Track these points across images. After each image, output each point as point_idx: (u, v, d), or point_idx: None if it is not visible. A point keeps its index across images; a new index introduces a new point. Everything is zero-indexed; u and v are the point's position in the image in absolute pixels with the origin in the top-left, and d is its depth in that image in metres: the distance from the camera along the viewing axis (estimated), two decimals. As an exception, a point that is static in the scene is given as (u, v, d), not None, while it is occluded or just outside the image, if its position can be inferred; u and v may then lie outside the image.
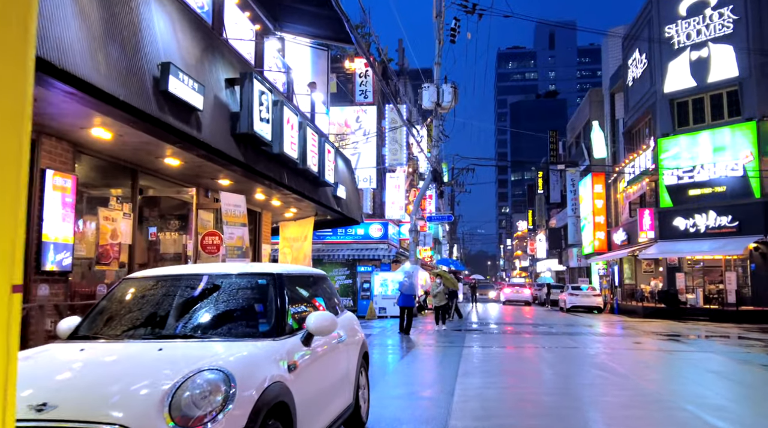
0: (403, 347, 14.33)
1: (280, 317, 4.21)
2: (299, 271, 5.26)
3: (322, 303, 5.52)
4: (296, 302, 4.77)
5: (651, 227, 29.83)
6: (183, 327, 4.09)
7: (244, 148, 7.83)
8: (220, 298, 4.34)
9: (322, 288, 5.70)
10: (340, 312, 6.04)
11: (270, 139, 8.28)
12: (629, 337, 17.18)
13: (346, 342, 5.38)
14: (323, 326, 4.28)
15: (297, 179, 10.15)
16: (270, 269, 4.60)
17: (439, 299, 19.41)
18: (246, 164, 7.92)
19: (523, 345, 14.93)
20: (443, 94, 26.10)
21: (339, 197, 13.01)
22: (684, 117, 29.63)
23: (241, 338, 3.98)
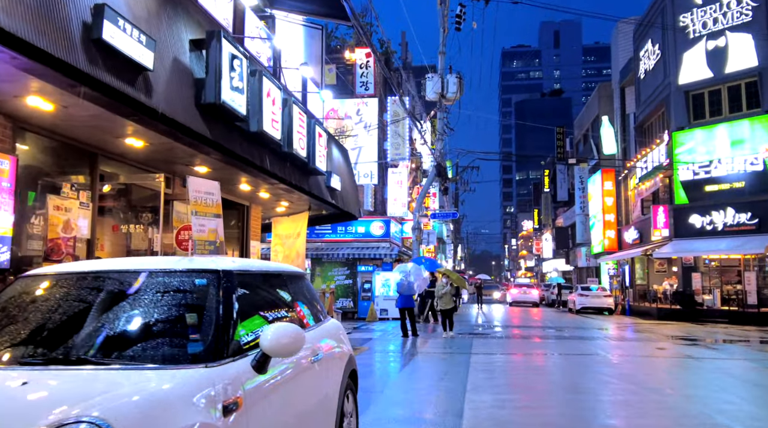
0: (404, 354, 13.07)
1: (220, 332, 2.96)
2: (263, 268, 4.00)
3: (302, 309, 4.28)
4: (256, 310, 3.52)
5: (665, 224, 28.50)
6: (78, 346, 2.84)
7: (212, 122, 6.59)
8: (137, 305, 3.08)
9: (298, 290, 4.45)
10: (322, 319, 4.80)
11: (245, 113, 7.01)
12: (649, 342, 15.88)
13: (324, 360, 4.12)
14: (284, 343, 3.02)
15: (282, 164, 8.90)
16: (214, 265, 3.34)
17: (445, 301, 17.46)
18: (215, 141, 6.67)
19: (535, 351, 13.65)
20: (448, 85, 24.84)
21: (333, 189, 11.75)
22: (700, 110, 28.29)
23: (158, 364, 2.73)
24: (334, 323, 5.04)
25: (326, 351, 4.27)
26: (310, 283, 4.91)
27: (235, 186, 11.16)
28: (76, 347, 2.83)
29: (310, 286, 4.85)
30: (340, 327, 5.17)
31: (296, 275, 4.55)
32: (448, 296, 17.49)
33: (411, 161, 32.17)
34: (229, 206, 12.94)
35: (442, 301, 17.53)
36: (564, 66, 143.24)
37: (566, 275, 59.11)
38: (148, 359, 2.77)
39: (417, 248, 25.62)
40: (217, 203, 7.67)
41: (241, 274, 3.45)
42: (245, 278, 3.51)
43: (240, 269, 3.49)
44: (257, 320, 3.42)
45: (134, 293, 3.14)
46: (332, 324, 4.96)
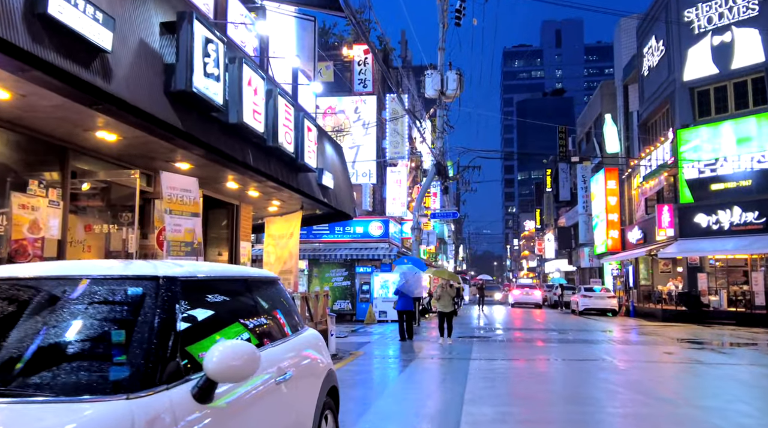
0: (401, 359, 12.52)
1: (153, 353, 2.41)
2: (221, 273, 3.43)
3: (270, 321, 3.73)
4: (210, 324, 2.97)
5: (670, 224, 27.88)
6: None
7: (184, 112, 6.04)
8: (54, 320, 2.53)
9: (267, 298, 3.90)
10: (299, 330, 4.25)
11: (221, 102, 6.45)
12: (656, 345, 15.31)
13: (295, 379, 3.56)
14: (234, 366, 2.48)
15: (267, 159, 8.34)
16: (152, 270, 2.78)
17: (444, 303, 15.94)
18: (188, 133, 6.12)
19: (538, 356, 13.08)
20: (447, 82, 24.30)
21: (325, 187, 11.20)
22: (705, 107, 27.68)
23: (68, 395, 2.19)
24: (311, 334, 4.48)
25: (298, 369, 3.71)
26: (284, 288, 4.35)
27: (222, 184, 10.62)
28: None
29: (283, 292, 4.30)
30: (317, 337, 4.61)
31: (265, 281, 3.99)
32: (448, 298, 15.89)
33: (411, 160, 31.63)
34: (218, 205, 12.41)
35: (441, 303, 15.97)
36: (566, 65, 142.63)
37: (569, 275, 58.48)
38: (57, 389, 2.21)
39: (417, 248, 25.06)
40: (194, 201, 7.12)
41: (189, 281, 2.89)
42: (195, 285, 2.96)
43: (187, 274, 2.93)
44: (209, 336, 2.87)
45: (52, 305, 2.58)
46: (309, 335, 4.40)
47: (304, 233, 26.40)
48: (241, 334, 3.19)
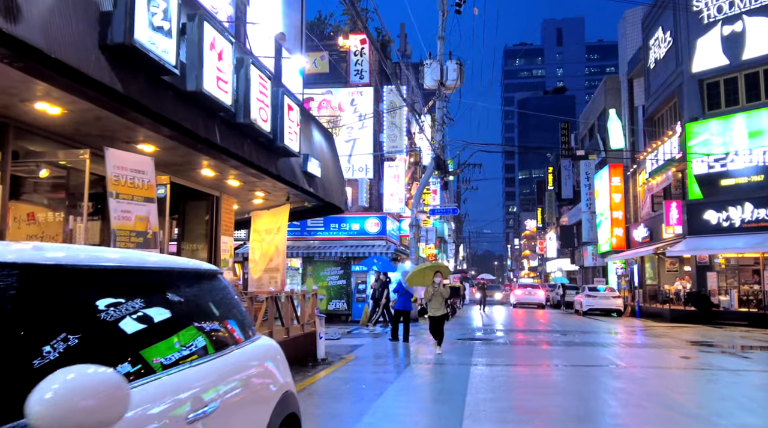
0: (395, 364, 11.50)
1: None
2: (109, 262, 2.36)
3: (190, 332, 2.70)
4: (84, 340, 1.95)
5: (678, 221, 26.85)
6: None
7: (125, 72, 5.03)
8: None
9: (195, 299, 2.86)
10: (247, 339, 3.22)
11: (173, 63, 5.42)
12: (669, 349, 14.27)
13: (222, 413, 2.52)
14: (81, 409, 1.47)
15: (239, 140, 7.32)
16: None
17: (435, 306, 12.95)
18: (132, 99, 5.10)
19: (544, 361, 12.05)
20: (447, 72, 23.26)
21: (311, 175, 10.17)
22: (715, 99, 26.64)
23: None
24: (263, 345, 3.44)
25: (232, 396, 2.68)
26: (227, 285, 3.31)
27: (197, 172, 9.59)
28: None
29: (223, 291, 3.25)
30: (272, 350, 3.56)
31: (194, 275, 2.95)
32: (440, 299, 12.97)
33: (410, 155, 30.60)
34: (195, 196, 11.39)
35: (431, 306, 13.04)
36: (567, 64, 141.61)
37: (571, 275, 57.45)
38: None
39: (414, 246, 24.03)
40: (149, 184, 6.10)
41: (52, 271, 1.88)
42: (64, 278, 1.94)
43: (50, 262, 1.91)
44: (77, 354, 1.84)
45: None
46: (259, 347, 3.36)
47: (298, 230, 25.43)
48: (129, 353, 2.15)
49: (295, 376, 10.02)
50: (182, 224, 11.80)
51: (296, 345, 10.88)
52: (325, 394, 8.17)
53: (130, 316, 2.20)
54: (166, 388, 2.19)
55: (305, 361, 11.26)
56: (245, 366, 3.01)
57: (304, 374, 9.79)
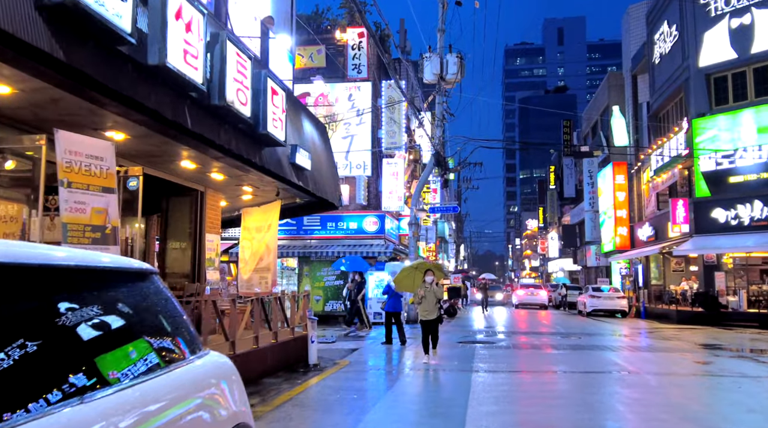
0: (391, 371, 10.78)
1: None
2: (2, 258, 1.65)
3: (98, 353, 1.97)
4: None
5: (685, 219, 26.11)
6: None
7: (70, 38, 4.33)
8: None
9: (114, 307, 2.15)
10: (190, 356, 2.50)
11: (129, 30, 4.72)
12: (682, 353, 13.55)
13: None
14: None
15: (215, 124, 6.61)
16: None
17: (427, 308, 11.33)
18: (78, 70, 4.40)
19: (551, 367, 11.32)
20: (447, 66, 22.54)
21: (300, 167, 9.45)
22: (722, 94, 25.91)
23: None
24: (208, 365, 2.71)
25: None
26: (163, 288, 2.60)
27: (176, 163, 8.88)
28: None
29: (156, 295, 2.54)
30: (221, 369, 2.83)
31: (113, 274, 2.23)
32: (432, 300, 11.31)
33: (409, 152, 29.89)
34: (178, 191, 10.69)
35: (422, 308, 11.41)
36: (568, 63, 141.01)
37: (573, 275, 56.76)
38: None
39: (414, 245, 23.30)
40: (108, 172, 5.39)
41: None
42: None
43: None
44: None
45: None
46: (202, 368, 2.64)
47: (294, 229, 24.74)
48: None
49: (282, 384, 9.32)
50: (165, 221, 11.10)
51: (285, 350, 10.17)
52: (312, 406, 7.46)
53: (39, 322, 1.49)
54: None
55: (296, 367, 10.56)
56: (185, 391, 2.30)
57: (293, 381, 9.09)
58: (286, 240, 24.43)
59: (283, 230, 24.48)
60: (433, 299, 11.34)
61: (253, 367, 8.72)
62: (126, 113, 5.59)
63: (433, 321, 11.44)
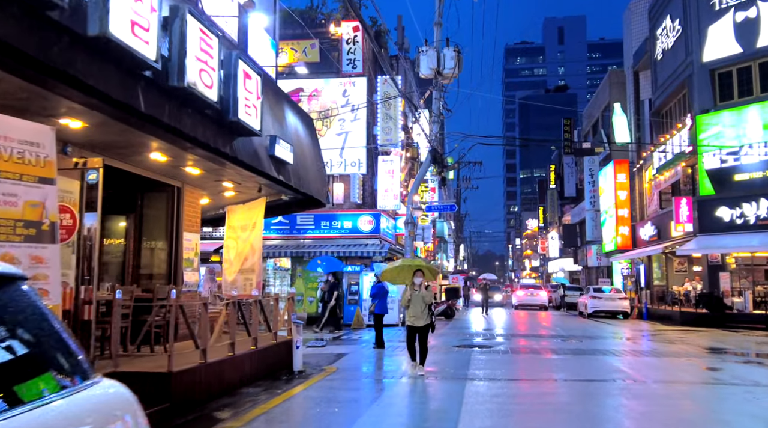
0: (380, 378, 10.11)
1: None
2: None
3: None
4: None
5: (689, 218, 25.42)
6: None
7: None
8: None
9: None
10: (70, 386, 1.81)
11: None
12: (689, 358, 12.88)
13: None
14: None
15: (173, 107, 5.93)
16: None
17: (415, 313, 10.06)
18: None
19: (551, 374, 10.64)
20: (444, 60, 21.85)
21: (281, 161, 8.77)
22: (727, 89, 25.24)
23: None
24: (100, 397, 2.02)
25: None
26: (33, 298, 1.92)
27: (145, 155, 8.21)
28: None
29: (26, 306, 1.85)
30: (117, 402, 2.14)
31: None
32: (420, 304, 9.96)
33: (406, 150, 29.21)
34: (154, 186, 10.02)
35: (409, 313, 10.14)
36: (568, 63, 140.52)
37: (573, 275, 56.11)
38: None
39: (410, 245, 22.62)
40: (47, 160, 4.72)
41: None
42: None
43: None
44: None
45: None
46: (91, 400, 1.95)
47: (287, 228, 24.07)
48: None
49: (261, 394, 8.63)
50: (140, 219, 10.43)
51: (266, 356, 9.50)
52: (287, 421, 6.80)
53: None
54: None
55: (279, 374, 9.89)
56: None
57: (273, 391, 8.42)
58: (279, 240, 23.79)
59: (276, 229, 23.84)
60: (420, 303, 9.98)
61: (228, 376, 8.05)
62: (69, 94, 4.93)
63: (422, 329, 10.07)
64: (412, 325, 10.13)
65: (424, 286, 10.08)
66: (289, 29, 25.03)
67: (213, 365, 7.59)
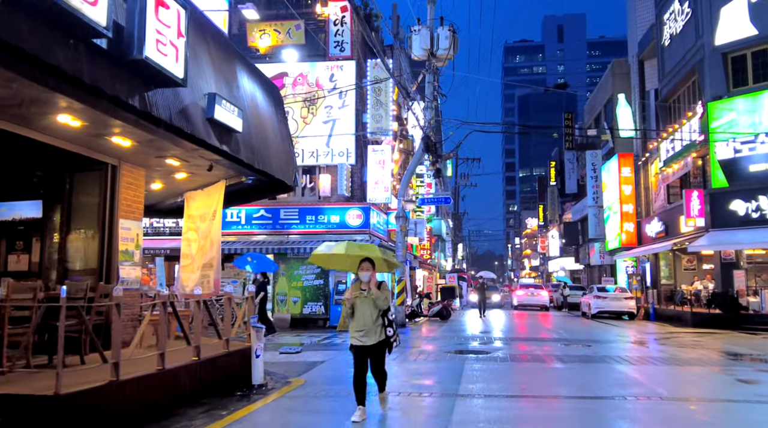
0: (346, 396, 8.41)
1: None
2: None
3: None
4: None
5: (700, 213, 23.76)
6: None
7: None
8: None
9: None
10: None
11: None
12: (712, 367, 11.23)
13: None
14: None
15: (44, 30, 4.28)
16: None
17: (362, 325, 6.68)
18: None
19: (559, 389, 8.98)
20: (438, 40, 20.25)
21: (226, 127, 7.08)
22: (741, 74, 23.57)
23: None
24: None
25: None
26: None
27: (50, 118, 6.52)
28: None
29: None
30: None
31: None
32: (367, 313, 6.68)
33: (399, 141, 27.51)
34: (85, 165, 8.35)
35: (354, 326, 6.77)
36: (568, 61, 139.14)
37: (575, 274, 54.50)
38: None
39: (402, 240, 20.99)
40: None
41: None
42: None
43: None
44: None
45: None
46: None
47: (270, 223, 22.37)
48: None
49: (198, 418, 6.53)
50: (68, 203, 8.75)
51: (213, 368, 7.82)
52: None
53: None
54: None
55: (232, 389, 8.22)
56: None
57: (215, 414, 6.75)
58: (262, 235, 22.14)
59: (259, 224, 22.21)
60: (370, 311, 6.59)
61: (152, 397, 6.38)
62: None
63: (374, 349, 6.66)
64: (360, 344, 6.61)
65: (375, 284, 6.67)
66: (273, 9, 23.39)
67: (129, 383, 5.93)
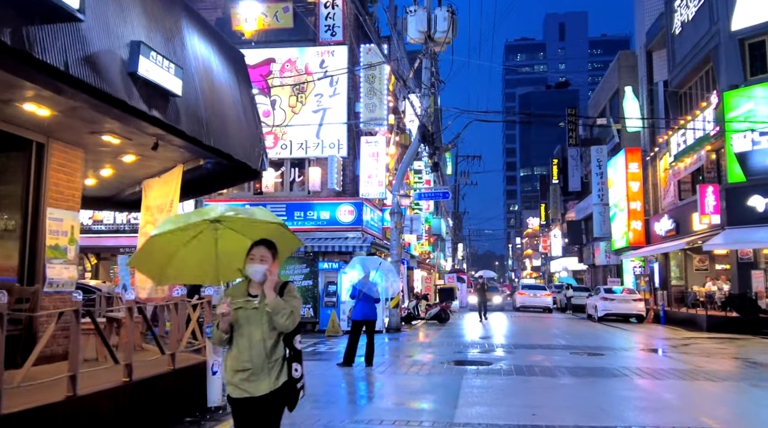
0: (328, 418, 6.94)
1: None
2: None
3: None
4: None
5: (716, 209, 22.29)
6: None
7: None
8: None
9: None
10: None
11: None
12: (762, 384, 9.74)
13: None
14: None
15: None
16: None
17: (250, 356, 3.51)
18: None
19: (581, 416, 7.48)
20: (436, 22, 18.77)
21: (158, 87, 5.56)
22: (760, 61, 22.08)
23: None
24: None
25: None
26: None
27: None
28: None
29: None
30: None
31: None
32: (259, 336, 3.56)
33: (396, 134, 26.01)
34: (9, 145, 6.88)
35: (231, 362, 3.61)
36: (570, 59, 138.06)
37: (578, 274, 53.03)
38: None
39: (396, 237, 19.51)
40: None
41: None
42: None
43: None
44: None
45: None
46: None
47: (255, 220, 20.93)
48: None
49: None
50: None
51: (152, 391, 6.33)
52: None
53: None
54: None
55: (180, 415, 6.75)
56: None
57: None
58: (247, 233, 20.66)
59: (244, 221, 20.73)
60: (262, 335, 3.58)
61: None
62: None
63: (266, 404, 3.53)
64: (240, 397, 3.54)
65: (275, 286, 3.74)
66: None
67: (17, 416, 4.44)
